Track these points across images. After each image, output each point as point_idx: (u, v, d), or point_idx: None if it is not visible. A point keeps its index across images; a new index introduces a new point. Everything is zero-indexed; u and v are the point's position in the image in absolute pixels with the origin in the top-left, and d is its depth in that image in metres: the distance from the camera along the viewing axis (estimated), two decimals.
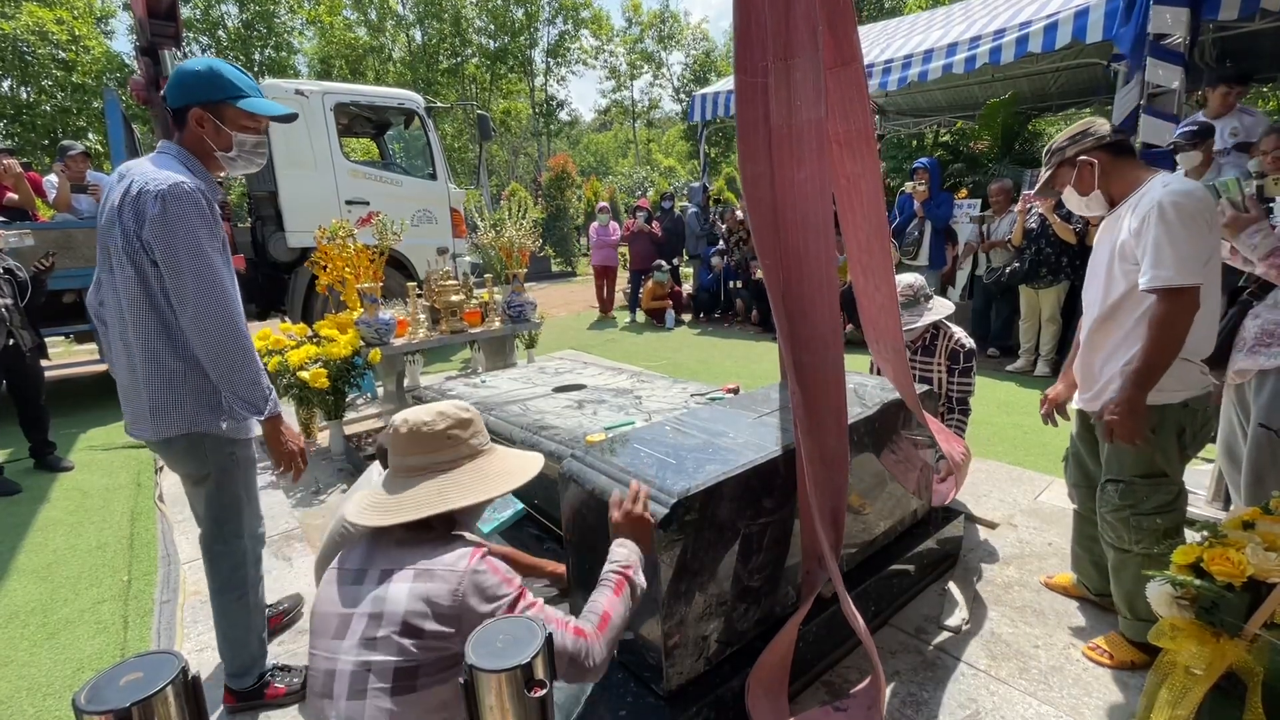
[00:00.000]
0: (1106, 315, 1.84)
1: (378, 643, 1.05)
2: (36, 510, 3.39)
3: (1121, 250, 1.76)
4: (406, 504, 1.17)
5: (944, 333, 2.67)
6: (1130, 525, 1.81)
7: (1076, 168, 1.87)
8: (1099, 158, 1.84)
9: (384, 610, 1.07)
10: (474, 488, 1.22)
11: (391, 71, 25.84)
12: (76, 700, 0.60)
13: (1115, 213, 1.85)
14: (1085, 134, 1.88)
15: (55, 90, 18.68)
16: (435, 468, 1.22)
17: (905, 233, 6.08)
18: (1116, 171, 1.84)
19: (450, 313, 4.42)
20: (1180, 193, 1.65)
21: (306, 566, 2.69)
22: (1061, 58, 6.19)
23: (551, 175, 17.62)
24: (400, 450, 1.23)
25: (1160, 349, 1.66)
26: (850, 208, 1.86)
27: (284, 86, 6.10)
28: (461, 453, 1.25)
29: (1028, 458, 3.48)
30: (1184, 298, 1.63)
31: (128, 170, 1.62)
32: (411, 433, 1.21)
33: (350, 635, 1.08)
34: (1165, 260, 1.62)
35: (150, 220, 1.51)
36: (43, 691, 2.05)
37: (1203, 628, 1.36)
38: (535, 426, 2.47)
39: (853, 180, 1.82)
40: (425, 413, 1.23)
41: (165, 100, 1.69)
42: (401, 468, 1.23)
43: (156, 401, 1.62)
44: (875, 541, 2.12)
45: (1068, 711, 1.73)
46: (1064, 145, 1.91)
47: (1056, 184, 1.97)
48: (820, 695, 1.83)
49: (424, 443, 1.22)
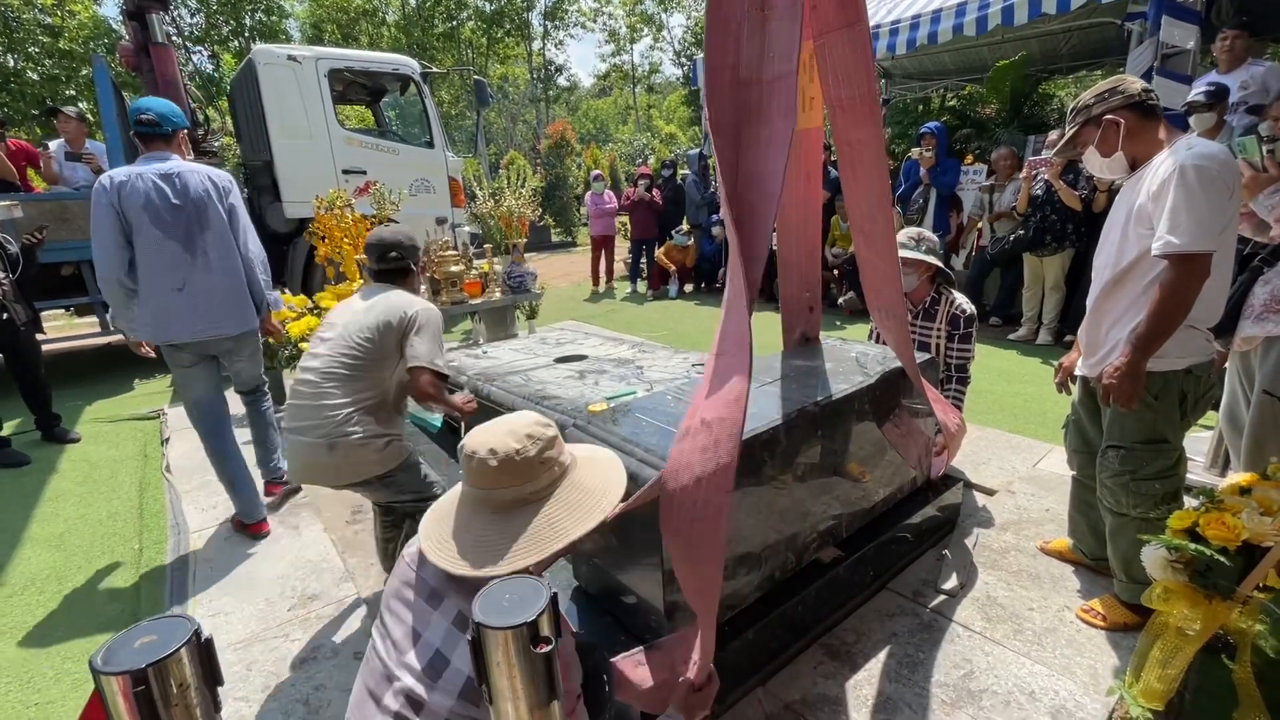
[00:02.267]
0: (1116, 280, 1.81)
1: (437, 687, 0.99)
2: (46, 481, 3.44)
3: (1138, 214, 1.72)
4: (525, 547, 1.04)
5: (945, 297, 2.66)
6: (1129, 490, 1.83)
7: (1101, 127, 1.80)
8: (1125, 117, 1.76)
9: (450, 659, 0.99)
10: (585, 509, 1.10)
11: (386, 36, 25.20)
12: (93, 662, 0.61)
13: (1136, 175, 1.79)
14: (1115, 91, 1.79)
15: (42, 57, 18.26)
16: (536, 496, 1.09)
17: (911, 199, 6.00)
18: (1142, 133, 1.77)
19: (450, 283, 4.40)
20: (1204, 155, 1.60)
21: (314, 535, 2.73)
22: (1074, 16, 6.00)
23: (550, 143, 17.33)
24: (488, 483, 1.07)
25: (1166, 315, 1.64)
26: (853, 176, 1.83)
27: (276, 52, 5.97)
28: (556, 474, 1.12)
29: (1027, 426, 3.50)
30: (1195, 264, 1.60)
31: (176, 169, 2.49)
32: (504, 464, 1.05)
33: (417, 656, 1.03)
34: (1181, 225, 1.58)
35: (233, 195, 2.64)
36: (61, 655, 2.11)
37: (1195, 590, 1.38)
38: (537, 397, 2.48)
39: (855, 147, 1.78)
40: (511, 437, 1.08)
41: (158, 125, 2.50)
42: (491, 502, 1.08)
43: (245, 309, 2.68)
44: (874, 508, 2.15)
45: (1060, 671, 1.78)
46: (1091, 103, 1.82)
47: (1079, 143, 1.89)
48: (818, 656, 1.87)
49: (520, 472, 1.07)
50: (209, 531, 2.81)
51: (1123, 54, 5.19)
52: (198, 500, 3.10)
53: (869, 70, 1.69)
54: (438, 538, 1.09)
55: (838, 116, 1.78)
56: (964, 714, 1.66)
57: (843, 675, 1.80)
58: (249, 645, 2.07)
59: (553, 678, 0.76)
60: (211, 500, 3.09)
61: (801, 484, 1.82)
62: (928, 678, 1.78)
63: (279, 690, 1.88)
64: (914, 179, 6.01)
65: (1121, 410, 1.78)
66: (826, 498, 1.93)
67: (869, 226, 1.88)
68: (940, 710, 1.67)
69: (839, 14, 1.64)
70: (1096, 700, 1.67)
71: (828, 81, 1.75)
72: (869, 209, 1.85)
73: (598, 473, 1.19)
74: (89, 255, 5.18)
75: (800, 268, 2.35)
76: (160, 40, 5.77)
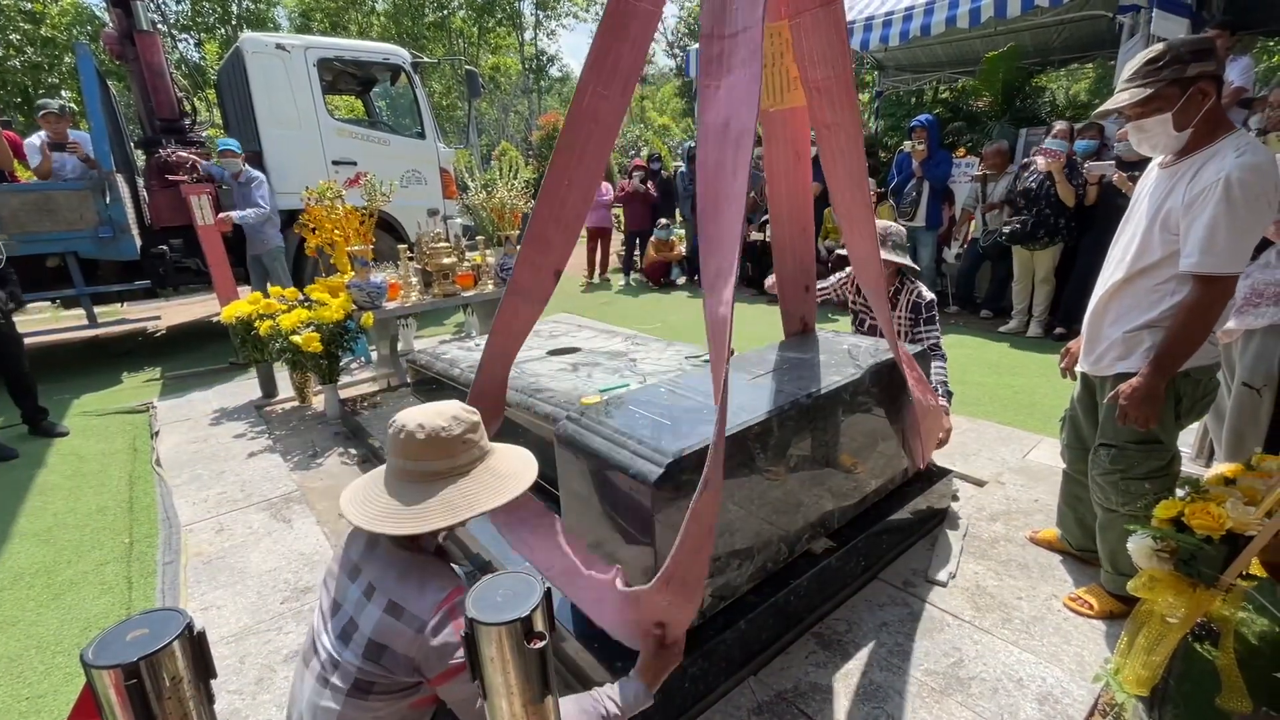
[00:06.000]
0: (1128, 279, 1.74)
1: (349, 649, 1.12)
2: (34, 475, 3.41)
3: (1165, 219, 1.62)
4: (434, 511, 1.14)
5: (907, 287, 2.68)
6: (1119, 489, 1.82)
7: (1188, 94, 1.55)
8: (1212, 91, 1.54)
9: (359, 623, 1.13)
10: (496, 490, 1.21)
11: (375, 25, 24.88)
12: (84, 656, 0.61)
13: (1174, 168, 1.65)
14: (1210, 53, 1.51)
15: (24, 45, 17.91)
16: (454, 472, 1.20)
17: (904, 192, 6.01)
18: (1213, 115, 1.56)
19: (442, 276, 4.37)
20: (1250, 168, 1.48)
21: (306, 528, 2.72)
22: (1066, 9, 6.01)
23: (543, 134, 17.21)
24: (413, 455, 1.19)
25: (1190, 335, 1.59)
26: (831, 158, 1.81)
27: (264, 41, 5.89)
28: (474, 455, 1.23)
29: (1017, 417, 3.53)
30: (1225, 285, 1.54)
31: None
32: (430, 438, 1.17)
33: (334, 624, 1.17)
34: (1218, 245, 1.49)
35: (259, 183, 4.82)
36: (51, 649, 2.10)
37: (1180, 578, 1.40)
38: (530, 389, 2.48)
39: (832, 129, 1.76)
40: (439, 416, 1.20)
41: None
42: (415, 472, 1.19)
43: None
44: (866, 499, 2.17)
45: (1047, 659, 1.80)
46: (1185, 57, 1.52)
47: (1151, 106, 1.60)
48: (810, 646, 1.89)
49: (442, 448, 1.18)
50: (200, 525, 2.79)
51: (1114, 47, 5.21)
52: (188, 494, 3.08)
53: (844, 51, 1.66)
54: (360, 503, 1.19)
55: (814, 99, 1.75)
56: (953, 701, 1.68)
57: (834, 664, 1.82)
58: (242, 638, 2.07)
59: (547, 673, 0.76)
60: (203, 494, 3.07)
61: (794, 475, 1.83)
62: (917, 666, 1.80)
63: (273, 683, 1.87)
64: (906, 172, 6.01)
65: (1140, 430, 1.72)
66: (818, 489, 1.94)
67: (849, 209, 1.89)
68: (929, 698, 1.69)
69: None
70: (1083, 687, 1.70)
71: (804, 63, 1.72)
72: (849, 192, 1.85)
73: (514, 462, 1.30)
74: (74, 247, 5.13)
75: (794, 249, 2.34)
76: (145, 27, 5.69)
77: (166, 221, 5.65)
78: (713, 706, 1.69)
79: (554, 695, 0.80)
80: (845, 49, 1.66)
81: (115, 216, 5.14)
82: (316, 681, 1.14)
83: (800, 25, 1.68)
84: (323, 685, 1.13)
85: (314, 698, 1.13)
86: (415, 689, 1.14)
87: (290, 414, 4.16)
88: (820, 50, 1.67)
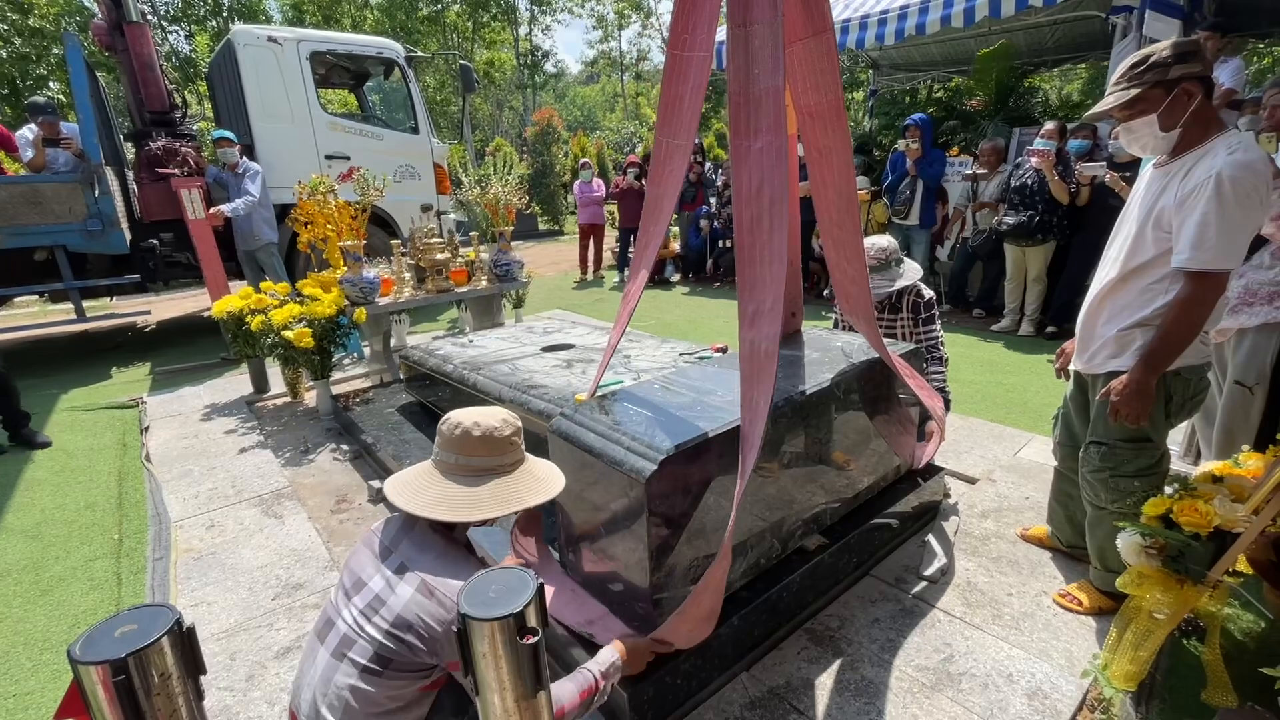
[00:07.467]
0: (1122, 278, 1.75)
1: (371, 623, 1.16)
2: (21, 471, 3.37)
3: (1158, 217, 1.64)
4: (485, 502, 1.25)
5: (906, 288, 2.70)
6: (1108, 486, 1.84)
7: (1173, 95, 1.58)
8: (1197, 91, 1.57)
9: (388, 601, 1.17)
10: (537, 490, 1.32)
11: (369, 18, 24.70)
12: (72, 652, 0.60)
13: (1167, 167, 1.66)
14: (1195, 55, 1.54)
15: (12, 36, 17.66)
16: (501, 469, 1.31)
17: (897, 191, 6.03)
18: (1203, 114, 1.59)
19: (436, 271, 4.35)
20: (1242, 165, 1.49)
21: (298, 524, 2.71)
22: (1060, 9, 6.03)
23: (537, 130, 17.14)
24: (467, 450, 1.29)
25: (1182, 331, 1.60)
26: (822, 181, 1.83)
27: (256, 33, 5.83)
28: (518, 457, 1.35)
29: (1009, 415, 3.55)
30: (1216, 281, 1.55)
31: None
32: (485, 436, 1.28)
33: (358, 600, 1.20)
34: (1209, 242, 1.51)
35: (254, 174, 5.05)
36: (39, 646, 2.08)
37: (1168, 575, 1.42)
38: (524, 385, 2.47)
39: (824, 154, 1.78)
40: (492, 417, 1.31)
41: None
42: (467, 467, 1.30)
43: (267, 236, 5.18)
44: (859, 496, 2.17)
45: (1037, 654, 1.82)
46: (1168, 60, 1.56)
47: (1137, 109, 1.64)
48: (802, 641, 1.90)
49: (494, 446, 1.29)
50: (191, 521, 2.77)
51: (1107, 48, 5.23)
52: (179, 490, 3.06)
53: (836, 77, 1.70)
54: (410, 493, 1.28)
55: (807, 123, 1.78)
56: (943, 696, 1.69)
57: (826, 660, 1.83)
58: (232, 635, 2.06)
59: (540, 669, 0.76)
60: (193, 490, 3.05)
61: (787, 472, 1.83)
62: (908, 662, 1.81)
63: (263, 679, 1.87)
64: (901, 170, 6.03)
65: (1130, 427, 1.73)
66: (811, 485, 1.95)
67: (837, 233, 1.88)
68: (920, 693, 1.70)
69: (806, 23, 1.65)
70: (1072, 682, 1.71)
71: (797, 89, 1.76)
72: (838, 216, 1.85)
73: (548, 468, 1.43)
74: (62, 240, 5.07)
75: None
76: (135, 18, 5.62)
77: (157, 215, 5.60)
78: (705, 702, 1.69)
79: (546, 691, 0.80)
80: (836, 76, 1.69)
81: (104, 209, 5.09)
82: (332, 656, 1.17)
83: (793, 53, 1.71)
84: (339, 659, 1.16)
85: (328, 672, 1.16)
86: (429, 671, 1.17)
87: (282, 410, 4.14)
88: (813, 77, 1.70)
